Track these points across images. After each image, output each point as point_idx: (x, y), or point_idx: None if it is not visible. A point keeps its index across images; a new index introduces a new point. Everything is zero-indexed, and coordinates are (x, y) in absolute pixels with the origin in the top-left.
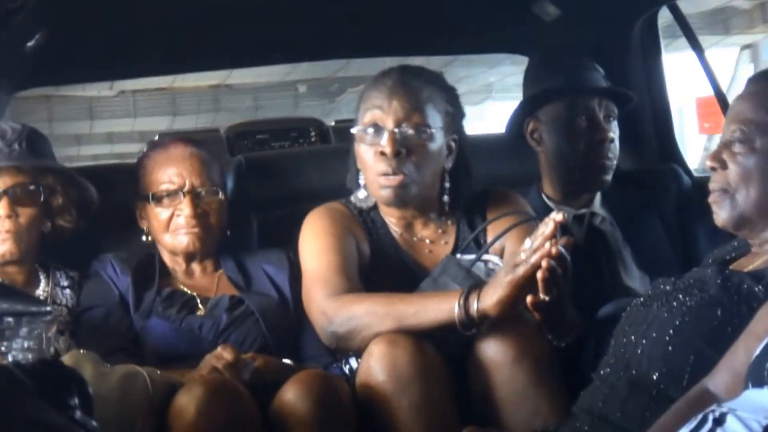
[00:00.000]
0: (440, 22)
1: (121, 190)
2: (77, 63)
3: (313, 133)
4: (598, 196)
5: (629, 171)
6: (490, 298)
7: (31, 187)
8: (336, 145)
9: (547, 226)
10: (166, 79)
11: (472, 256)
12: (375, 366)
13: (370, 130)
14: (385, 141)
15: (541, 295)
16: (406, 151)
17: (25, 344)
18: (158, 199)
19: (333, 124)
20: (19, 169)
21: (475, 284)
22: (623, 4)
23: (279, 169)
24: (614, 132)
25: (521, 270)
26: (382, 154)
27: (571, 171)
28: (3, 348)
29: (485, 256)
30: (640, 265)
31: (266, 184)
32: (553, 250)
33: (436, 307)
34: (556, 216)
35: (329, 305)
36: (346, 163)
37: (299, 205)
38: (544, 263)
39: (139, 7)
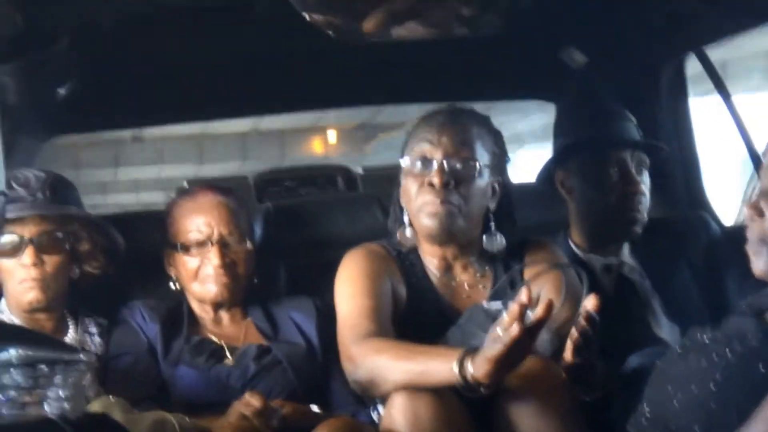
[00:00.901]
0: (468, 69)
1: (150, 237)
2: (108, 110)
3: (340, 181)
4: (626, 245)
5: (658, 219)
6: (478, 370)
7: (57, 235)
8: (364, 192)
9: (515, 307)
10: (193, 125)
11: (498, 304)
12: (397, 417)
13: (419, 163)
14: (433, 172)
15: (571, 359)
16: (454, 182)
17: (61, 393)
18: (186, 249)
19: (361, 171)
20: (44, 217)
21: (472, 347)
22: (651, 51)
23: (307, 217)
24: (645, 184)
25: (497, 348)
26: (430, 185)
27: (601, 222)
28: (38, 396)
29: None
30: (670, 314)
31: (294, 231)
32: (515, 330)
33: (439, 368)
34: (522, 297)
35: (354, 352)
36: (374, 210)
37: (327, 253)
38: (579, 327)
39: (167, 55)
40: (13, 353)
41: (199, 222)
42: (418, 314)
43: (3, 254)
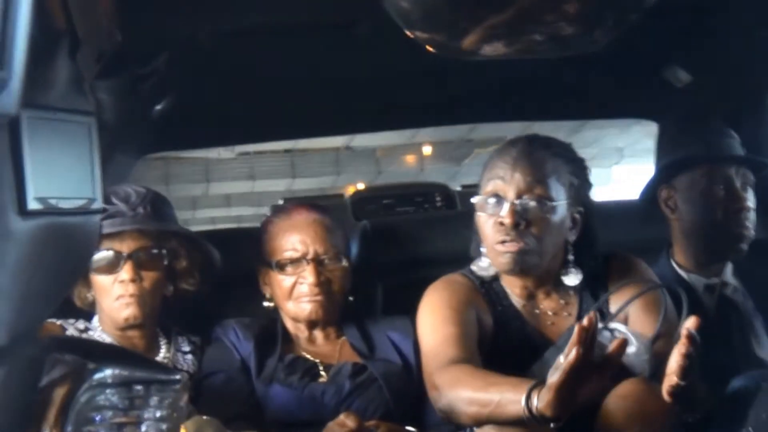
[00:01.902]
0: (569, 87)
1: (244, 255)
2: (203, 127)
3: (438, 198)
4: (729, 266)
5: (760, 240)
6: (542, 401)
7: (155, 251)
8: (462, 210)
9: (575, 333)
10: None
11: (598, 325)
12: None
13: (491, 200)
14: (505, 212)
15: (678, 381)
16: (525, 222)
17: (157, 413)
18: (281, 267)
19: (459, 189)
20: (143, 233)
21: (539, 381)
22: (756, 70)
23: (404, 235)
24: (751, 200)
25: (556, 376)
26: (501, 224)
27: (706, 240)
28: (134, 417)
29: (611, 324)
30: None
31: (391, 249)
32: (574, 355)
33: (510, 400)
34: (584, 321)
35: (437, 381)
36: (472, 228)
37: (425, 271)
38: (683, 349)
39: (264, 73)
40: (108, 373)
41: (294, 240)
42: (505, 342)
43: (99, 271)
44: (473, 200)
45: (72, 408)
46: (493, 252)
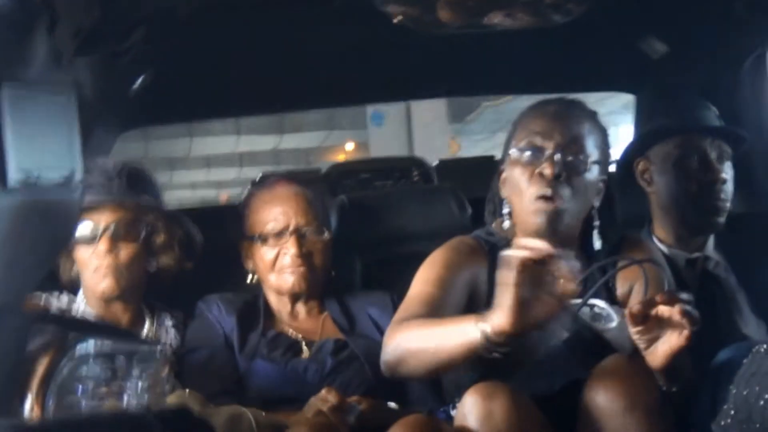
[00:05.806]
0: (543, 60)
1: (226, 231)
2: (181, 103)
3: (415, 173)
4: (711, 240)
5: (742, 214)
6: (500, 318)
7: (132, 224)
8: (439, 184)
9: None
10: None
11: (578, 301)
12: (470, 419)
13: (528, 153)
14: (545, 162)
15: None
16: (565, 175)
17: (139, 384)
18: (264, 239)
19: (437, 162)
20: (120, 205)
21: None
22: (733, 41)
23: (382, 210)
24: (727, 173)
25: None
26: (541, 175)
27: (683, 213)
28: (116, 388)
29: (591, 300)
30: (756, 310)
31: (369, 224)
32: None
33: (461, 327)
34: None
35: (389, 332)
36: (449, 203)
37: (402, 246)
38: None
39: (238, 50)
40: (90, 344)
41: (276, 212)
42: None
43: (81, 243)
44: (510, 152)
45: (54, 379)
46: (529, 208)
